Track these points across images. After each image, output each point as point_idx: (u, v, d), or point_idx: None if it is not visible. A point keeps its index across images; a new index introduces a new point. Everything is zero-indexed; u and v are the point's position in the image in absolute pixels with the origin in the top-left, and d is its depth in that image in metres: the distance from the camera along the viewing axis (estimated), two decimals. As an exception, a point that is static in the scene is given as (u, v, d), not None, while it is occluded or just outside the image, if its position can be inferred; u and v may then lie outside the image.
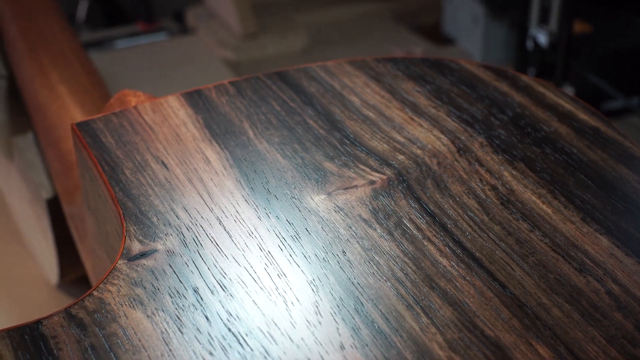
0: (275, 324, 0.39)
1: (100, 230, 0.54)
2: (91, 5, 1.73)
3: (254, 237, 0.44)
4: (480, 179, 0.48)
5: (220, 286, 0.41)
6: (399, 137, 0.52)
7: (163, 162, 0.50)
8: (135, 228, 0.45)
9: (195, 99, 0.55)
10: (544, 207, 0.46)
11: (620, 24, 1.21)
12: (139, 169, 0.49)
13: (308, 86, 0.57)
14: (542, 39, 1.10)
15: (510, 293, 0.41)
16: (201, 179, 0.48)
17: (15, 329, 0.39)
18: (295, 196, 0.47)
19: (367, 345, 0.38)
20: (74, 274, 0.86)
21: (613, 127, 0.53)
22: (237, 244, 0.44)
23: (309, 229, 0.44)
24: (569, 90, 1.13)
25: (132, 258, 0.43)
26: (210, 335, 0.38)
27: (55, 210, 0.76)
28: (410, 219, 0.45)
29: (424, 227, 0.45)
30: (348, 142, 0.51)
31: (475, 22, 1.35)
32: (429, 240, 0.44)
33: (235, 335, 0.38)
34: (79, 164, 0.56)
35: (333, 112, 0.54)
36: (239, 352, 0.37)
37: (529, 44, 1.12)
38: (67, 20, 0.95)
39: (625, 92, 1.13)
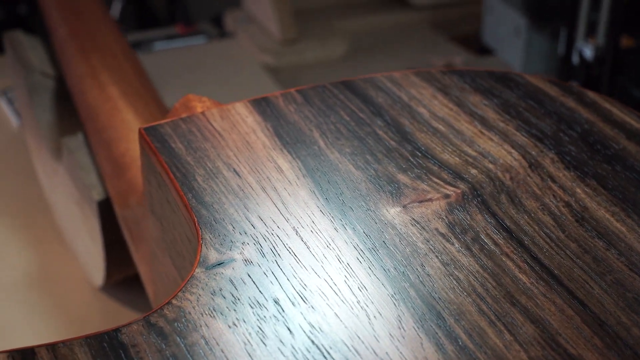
0: (359, 338, 0.39)
1: (166, 236, 0.54)
2: (124, 7, 1.74)
3: (331, 248, 0.44)
4: (553, 195, 0.48)
5: (301, 297, 0.41)
6: (470, 151, 0.51)
7: (235, 170, 0.50)
8: (211, 236, 0.45)
9: (263, 107, 0.55)
10: (618, 225, 0.46)
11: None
12: (211, 176, 0.49)
13: (376, 96, 0.57)
14: (588, 52, 1.10)
15: (590, 311, 0.41)
16: (275, 188, 0.48)
17: (93, 336, 0.39)
18: (371, 208, 0.47)
19: (451, 361, 0.38)
20: (118, 275, 0.86)
21: (684, 146, 0.53)
22: (316, 255, 0.44)
23: (386, 242, 0.44)
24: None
25: (209, 267, 0.43)
26: (294, 348, 0.38)
27: (105, 212, 0.76)
28: (487, 234, 0.45)
29: (502, 242, 0.45)
30: (420, 154, 0.51)
31: (516, 33, 1.34)
32: (507, 256, 0.44)
33: (319, 348, 0.38)
34: (144, 169, 0.56)
35: (402, 123, 0.54)
36: (323, 365, 0.37)
37: (575, 58, 1.12)
38: (116, 22, 0.95)
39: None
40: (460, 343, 0.39)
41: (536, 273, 0.43)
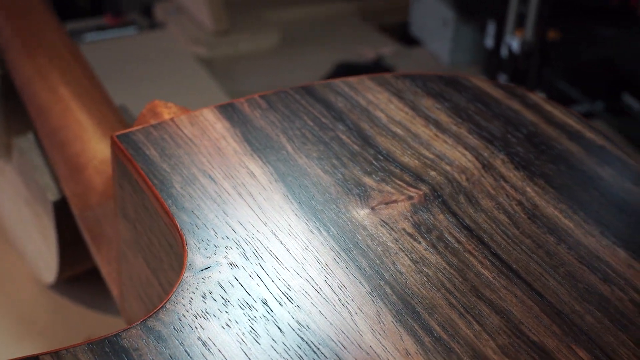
0: (344, 333, 0.42)
1: (140, 239, 0.56)
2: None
3: (309, 250, 0.47)
4: (506, 195, 0.52)
5: (287, 298, 0.44)
6: (427, 154, 0.55)
7: (210, 176, 0.52)
8: (195, 241, 0.47)
9: (230, 112, 0.58)
10: (566, 221, 0.51)
11: (586, 34, 1.29)
12: (188, 182, 0.52)
13: (335, 101, 0.60)
14: (515, 46, 1.16)
15: (547, 302, 0.45)
16: (250, 193, 0.51)
17: (95, 342, 0.42)
18: (342, 211, 0.50)
19: (429, 351, 0.42)
20: (70, 273, 0.87)
21: (616, 145, 0.58)
22: (296, 257, 0.47)
23: (359, 243, 0.48)
24: (541, 95, 1.19)
25: (197, 271, 0.45)
26: (285, 345, 0.41)
27: (60, 212, 0.77)
28: (450, 233, 0.49)
29: (464, 240, 0.49)
30: (382, 157, 0.55)
31: (444, 25, 1.40)
32: (470, 253, 0.48)
33: (308, 345, 0.42)
34: (116, 174, 0.57)
35: (363, 127, 0.57)
36: (316, 357, 0.41)
37: (504, 52, 1.18)
38: (59, 19, 0.95)
39: (590, 97, 1.20)
40: (435, 334, 0.43)
41: (497, 268, 0.47)
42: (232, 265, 0.46)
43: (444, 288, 0.45)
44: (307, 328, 0.42)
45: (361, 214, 0.50)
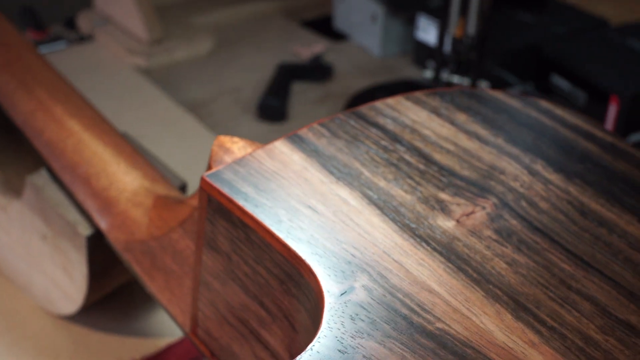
0: (478, 333, 0.50)
1: (237, 269, 0.61)
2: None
3: (423, 265, 0.55)
4: (556, 196, 0.62)
5: (421, 309, 0.51)
6: (481, 165, 0.64)
7: (310, 206, 0.58)
8: (322, 269, 0.53)
9: (299, 143, 0.64)
10: (609, 214, 0.61)
11: (510, 21, 1.41)
12: (293, 214, 0.57)
13: (385, 124, 0.67)
14: (459, 42, 1.26)
15: (619, 285, 0.55)
16: (351, 218, 0.57)
17: None
18: (433, 226, 0.58)
19: (549, 339, 0.50)
20: (92, 300, 0.89)
21: (622, 141, 0.68)
22: (414, 272, 0.54)
23: (459, 253, 0.56)
24: (485, 85, 1.31)
25: (338, 296, 0.52)
26: (435, 351, 0.49)
27: (92, 245, 0.80)
28: (527, 235, 0.58)
29: (539, 240, 0.58)
30: (446, 173, 0.62)
31: (373, 19, 1.47)
32: (547, 250, 0.57)
33: (454, 347, 0.49)
34: (205, 211, 0.62)
35: (419, 147, 0.65)
36: (465, 358, 0.48)
37: (447, 47, 1.27)
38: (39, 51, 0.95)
39: (523, 80, 1.33)
40: (548, 325, 0.51)
41: (572, 261, 0.56)
42: (365, 287, 0.53)
43: (540, 284, 0.54)
44: (447, 334, 0.50)
45: (450, 227, 0.58)
